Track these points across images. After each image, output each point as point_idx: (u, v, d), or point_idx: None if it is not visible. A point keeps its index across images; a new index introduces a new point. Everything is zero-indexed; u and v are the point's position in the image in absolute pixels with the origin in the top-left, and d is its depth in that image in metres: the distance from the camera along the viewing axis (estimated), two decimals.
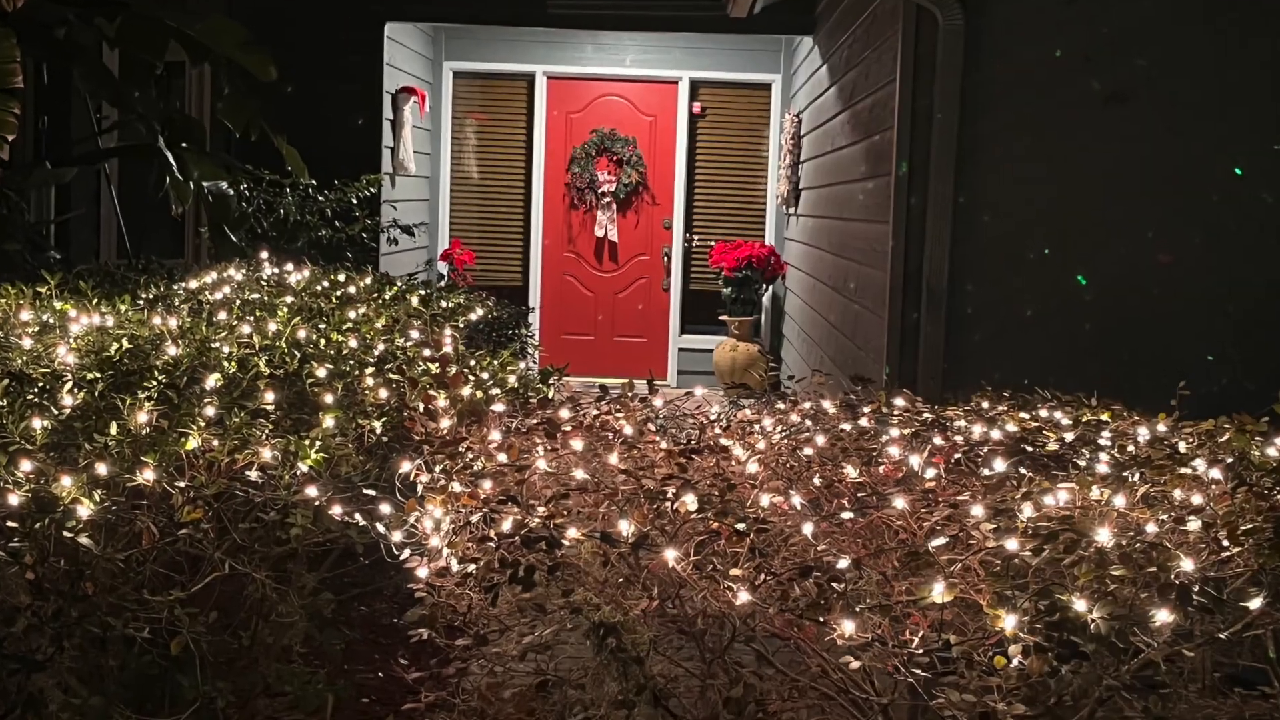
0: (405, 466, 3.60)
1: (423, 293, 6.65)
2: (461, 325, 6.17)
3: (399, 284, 6.88)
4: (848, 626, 2.70)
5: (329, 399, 4.04)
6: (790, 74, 11.76)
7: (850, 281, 7.36)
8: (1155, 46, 5.78)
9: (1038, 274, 5.90)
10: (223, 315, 5.14)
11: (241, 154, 9.02)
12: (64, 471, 3.27)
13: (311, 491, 3.49)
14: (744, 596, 2.84)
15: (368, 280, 6.67)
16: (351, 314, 5.47)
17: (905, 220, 5.96)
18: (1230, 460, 3.26)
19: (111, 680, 3.27)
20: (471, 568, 3.10)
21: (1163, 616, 2.56)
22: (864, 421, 4.01)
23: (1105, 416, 4.03)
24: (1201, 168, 5.80)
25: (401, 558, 3.38)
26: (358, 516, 3.50)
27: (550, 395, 4.68)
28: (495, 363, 4.95)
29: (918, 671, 2.69)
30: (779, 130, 11.90)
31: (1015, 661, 2.55)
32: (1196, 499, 3.02)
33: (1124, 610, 2.55)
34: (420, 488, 3.50)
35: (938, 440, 3.75)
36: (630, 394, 4.12)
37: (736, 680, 2.96)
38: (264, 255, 7.10)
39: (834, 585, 2.81)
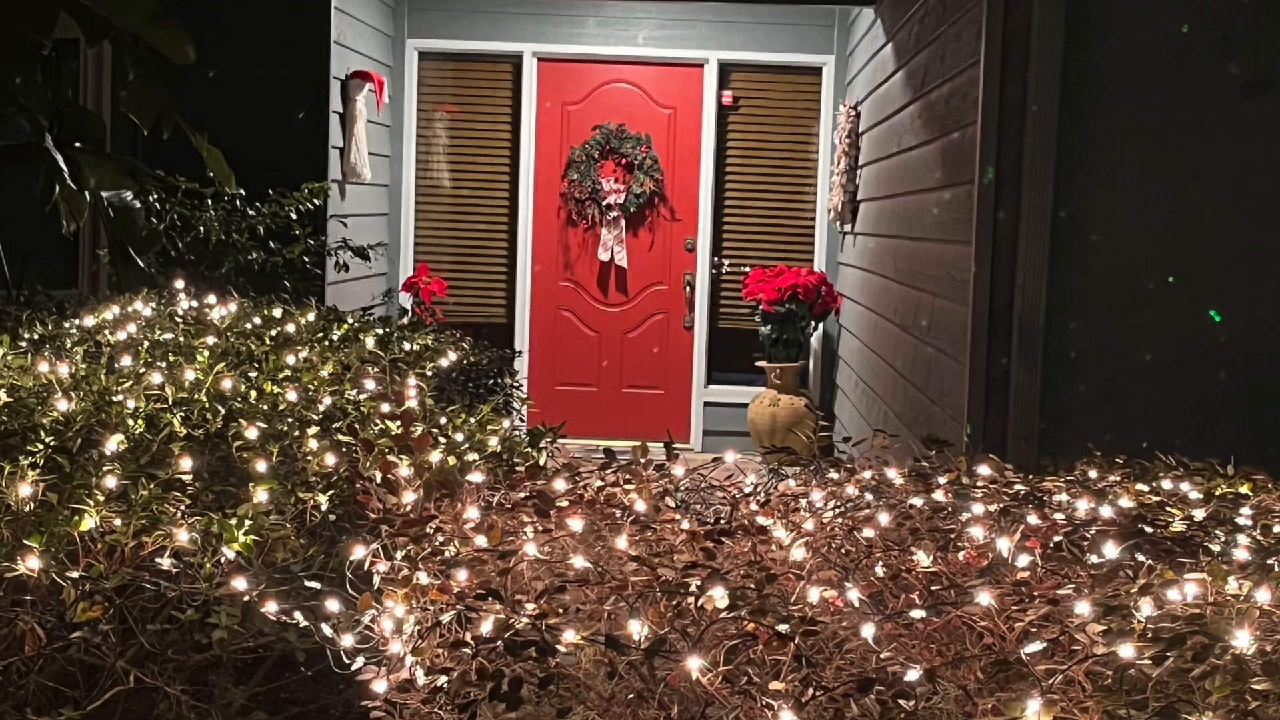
0: (358, 552, 3.61)
1: (380, 332, 6.69)
2: (430, 373, 6.21)
3: (350, 321, 6.93)
4: None
5: (261, 467, 4.05)
6: (846, 55, 11.80)
7: (922, 318, 7.38)
8: None
9: (1159, 309, 5.90)
10: (127, 361, 5.14)
11: (151, 157, 9.00)
12: None
13: (240, 584, 3.49)
14: (787, 717, 2.81)
15: (310, 316, 6.72)
16: (290, 359, 5.49)
17: (991, 241, 5.98)
18: None
19: None
20: (442, 680, 3.09)
21: None
22: (939, 495, 4.01)
23: (1245, 489, 4.02)
24: None
25: (353, 667, 3.38)
26: (298, 615, 3.49)
27: (542, 462, 4.70)
28: (472, 421, 4.97)
29: None
30: (831, 126, 11.93)
31: None
32: None
33: None
34: (377, 579, 3.50)
35: (1033, 519, 3.74)
36: (643, 460, 4.12)
37: None
38: (179, 285, 7.12)
39: (901, 702, 2.79)
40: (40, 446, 4.06)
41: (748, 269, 12.04)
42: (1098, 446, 4.59)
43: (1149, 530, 3.63)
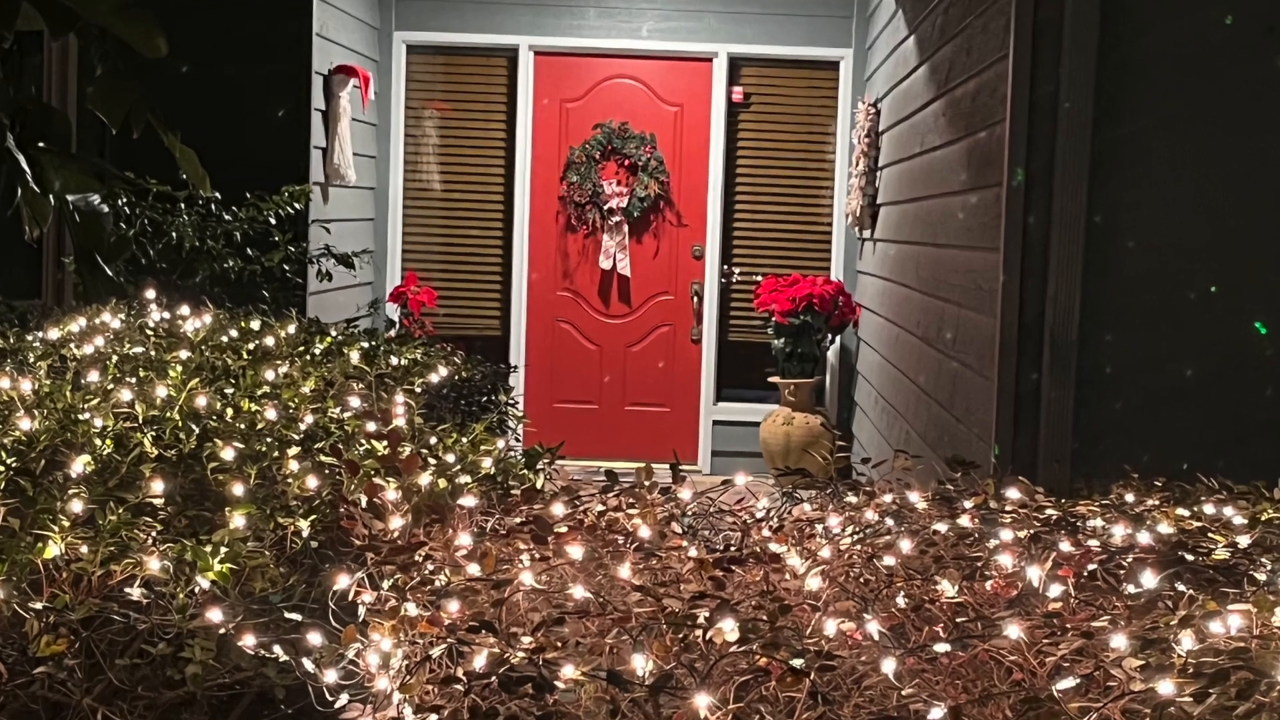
0: (342, 581, 3.62)
1: (366, 345, 6.70)
2: (419, 389, 6.23)
3: (333, 334, 6.96)
4: None
5: (238, 490, 4.06)
6: (866, 48, 11.83)
7: (946, 330, 7.38)
8: None
9: (1200, 321, 5.87)
10: (94, 376, 5.14)
11: (120, 158, 8.99)
12: None
13: (215, 616, 3.49)
14: None
15: (291, 329, 6.75)
16: (269, 375, 5.51)
17: (1021, 248, 5.97)
18: None
19: None
20: (433, 719, 3.08)
21: None
22: (965, 520, 4.02)
23: None
24: None
25: (337, 705, 3.38)
26: (277, 649, 3.49)
27: (539, 485, 4.73)
28: (464, 441, 4.98)
29: None
30: (849, 125, 11.93)
31: None
32: None
33: None
34: (363, 610, 3.50)
35: (1065, 546, 3.74)
36: (648, 483, 4.12)
37: None
38: (150, 295, 7.15)
39: None
40: (1, 468, 4.05)
41: (759, 278, 12.08)
42: (1135, 468, 4.58)
43: (1190, 558, 3.62)
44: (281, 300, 9.12)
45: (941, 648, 3.17)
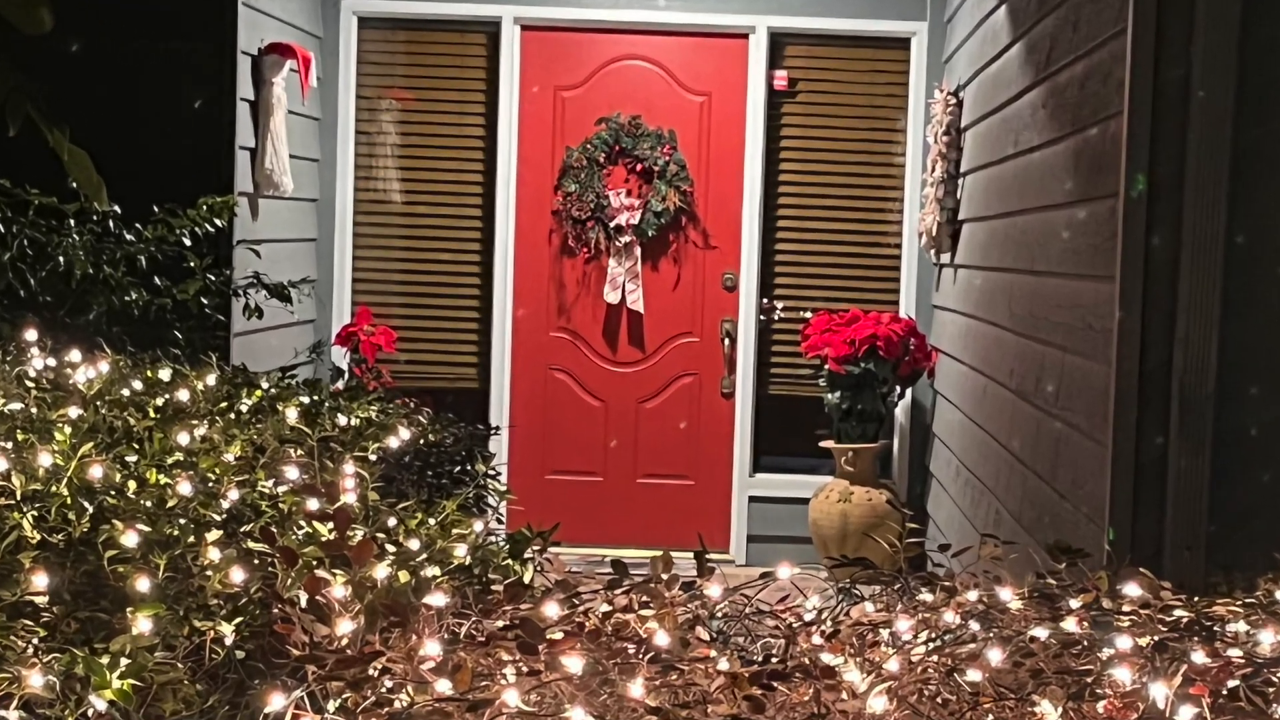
0: (276, 701, 3.60)
1: (306, 401, 6.73)
2: (374, 457, 6.24)
3: (265, 385, 6.97)
4: None
5: (143, 585, 4.06)
6: (944, 21, 11.87)
7: (1047, 382, 7.38)
8: None
9: None
10: None
11: None
12: None
13: None
14: None
15: (211, 379, 6.75)
16: (183, 438, 5.49)
17: (1143, 276, 5.97)
18: None
19: None
20: None
21: None
22: (1071, 624, 4.00)
23: None
24: None
25: None
26: None
27: (528, 579, 4.72)
28: (432, 522, 5.03)
29: None
30: (923, 120, 11.90)
31: None
32: None
33: None
34: None
35: (1199, 656, 3.72)
36: (666, 577, 4.14)
37: None
38: (31, 336, 7.12)
39: None
40: None
41: (808, 315, 12.05)
42: None
43: None
44: (199, 343, 9.07)
45: None
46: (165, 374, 6.68)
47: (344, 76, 12.20)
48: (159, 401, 6.19)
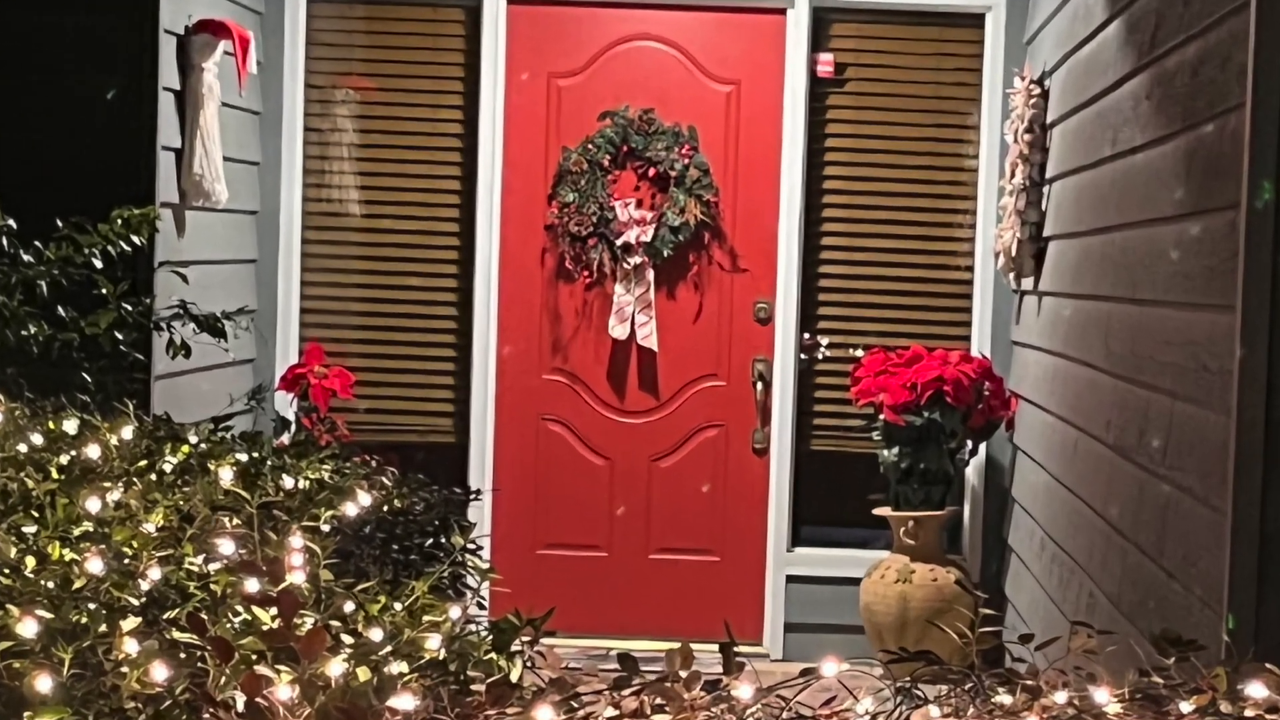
0: None
1: (245, 458, 6.82)
2: (327, 528, 6.18)
3: (194, 440, 6.98)
4: None
5: (44, 684, 4.10)
6: None
7: (1152, 435, 7.35)
8: None
9: None
10: None
11: None
12: None
13: None
14: None
15: (127, 432, 6.71)
16: (93, 504, 5.44)
17: (1270, 306, 5.90)
18: None
19: None
20: None
21: None
22: None
23: None
24: None
25: None
26: None
27: (515, 676, 4.72)
28: (399, 607, 5.11)
29: None
30: (1000, 114, 11.33)
31: None
32: None
33: None
34: None
35: None
36: (684, 674, 4.15)
37: None
38: None
39: None
40: None
41: (859, 353, 11.51)
42: None
43: None
44: (112, 388, 8.64)
45: None
46: (71, 426, 6.68)
47: (290, 61, 11.66)
48: (63, 460, 6.22)
